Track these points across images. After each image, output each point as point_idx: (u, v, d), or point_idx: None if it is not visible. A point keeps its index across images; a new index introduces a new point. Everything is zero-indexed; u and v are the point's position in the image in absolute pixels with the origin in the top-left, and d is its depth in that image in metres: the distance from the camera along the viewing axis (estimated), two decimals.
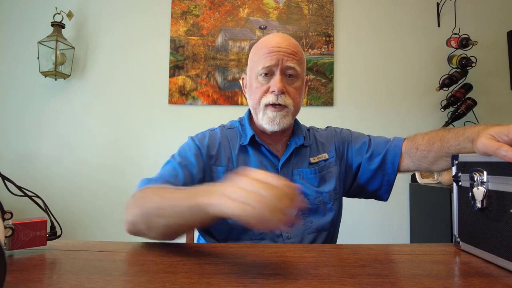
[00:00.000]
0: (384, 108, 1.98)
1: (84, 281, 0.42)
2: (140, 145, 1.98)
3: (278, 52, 0.78)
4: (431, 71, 1.98)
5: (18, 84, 2.03)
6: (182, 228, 0.59)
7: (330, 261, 0.52)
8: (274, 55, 0.78)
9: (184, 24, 2.02)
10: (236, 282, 0.42)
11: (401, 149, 0.86)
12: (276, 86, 0.77)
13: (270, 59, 0.78)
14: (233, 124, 0.91)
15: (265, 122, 0.80)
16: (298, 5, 2.03)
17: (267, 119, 0.80)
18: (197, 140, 0.85)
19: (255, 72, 0.81)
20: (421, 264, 0.51)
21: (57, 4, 1.96)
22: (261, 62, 0.78)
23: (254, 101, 0.82)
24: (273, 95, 0.78)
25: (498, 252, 0.49)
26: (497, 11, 2.00)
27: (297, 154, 0.87)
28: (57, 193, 1.94)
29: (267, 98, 0.79)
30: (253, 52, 0.84)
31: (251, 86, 0.84)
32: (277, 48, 0.78)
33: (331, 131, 0.97)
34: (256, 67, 0.80)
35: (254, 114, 0.84)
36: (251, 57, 0.85)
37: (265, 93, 0.80)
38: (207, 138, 0.85)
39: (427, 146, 0.79)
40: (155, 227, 0.59)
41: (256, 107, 0.82)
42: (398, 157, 0.86)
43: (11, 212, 0.52)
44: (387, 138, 0.92)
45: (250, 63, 0.85)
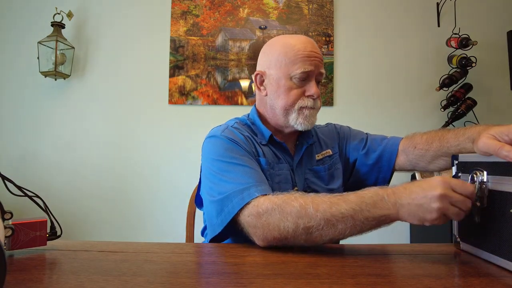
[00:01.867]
0: (384, 108, 1.98)
1: (84, 281, 0.42)
2: (140, 145, 1.98)
3: (316, 58, 0.80)
4: (431, 71, 1.98)
5: (18, 84, 2.03)
6: (352, 236, 0.59)
7: (330, 261, 0.52)
8: (313, 60, 0.80)
9: (184, 24, 2.02)
10: (236, 282, 0.42)
11: (398, 147, 0.87)
12: (315, 92, 0.80)
13: (310, 64, 0.79)
14: (242, 121, 0.88)
15: (300, 122, 0.81)
16: (298, 5, 2.03)
17: (303, 119, 0.81)
18: (230, 136, 0.79)
19: (289, 74, 0.80)
20: (421, 264, 0.51)
21: (57, 4, 1.96)
22: (299, 66, 0.79)
23: (287, 102, 0.81)
24: (311, 99, 0.81)
25: (498, 252, 0.49)
26: (497, 11, 2.00)
27: (306, 153, 0.88)
28: (57, 193, 1.94)
29: (304, 102, 0.81)
30: (283, 51, 0.81)
31: (278, 86, 0.82)
32: (314, 53, 0.80)
33: (332, 128, 0.98)
34: (291, 68, 0.80)
35: (283, 114, 0.82)
36: (279, 55, 0.81)
37: (301, 96, 0.81)
38: (235, 133, 0.80)
39: (425, 145, 0.80)
40: (319, 239, 0.58)
41: (289, 108, 0.81)
42: (394, 155, 0.87)
43: (11, 212, 0.52)
44: (385, 136, 0.93)
45: (278, 62, 0.81)
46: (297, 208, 0.59)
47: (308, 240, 0.59)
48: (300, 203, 0.59)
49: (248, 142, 0.80)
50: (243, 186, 0.66)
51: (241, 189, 0.66)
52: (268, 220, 0.60)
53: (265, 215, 0.60)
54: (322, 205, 0.58)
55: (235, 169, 0.71)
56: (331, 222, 0.56)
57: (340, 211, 0.56)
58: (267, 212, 0.60)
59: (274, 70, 0.82)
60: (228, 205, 0.66)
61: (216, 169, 0.73)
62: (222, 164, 0.73)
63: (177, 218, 1.85)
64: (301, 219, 0.58)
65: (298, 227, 0.58)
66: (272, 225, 0.59)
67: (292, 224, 0.58)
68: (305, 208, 0.58)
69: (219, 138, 0.78)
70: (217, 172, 0.72)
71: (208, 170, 0.75)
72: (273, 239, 0.60)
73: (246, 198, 0.64)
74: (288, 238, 0.59)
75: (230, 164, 0.72)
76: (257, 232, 0.61)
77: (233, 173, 0.70)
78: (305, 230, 0.58)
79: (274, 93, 0.83)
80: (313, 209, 0.58)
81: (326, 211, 0.57)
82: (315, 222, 0.57)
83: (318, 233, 0.57)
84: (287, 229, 0.58)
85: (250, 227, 0.62)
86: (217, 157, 0.74)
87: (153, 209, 1.94)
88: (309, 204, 0.58)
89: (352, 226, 0.56)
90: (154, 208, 1.94)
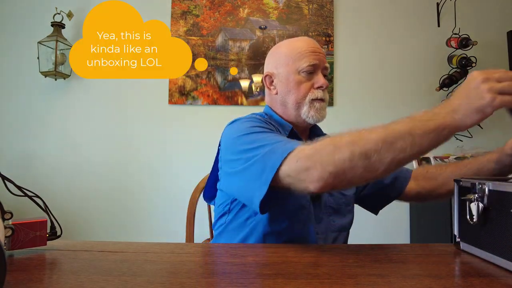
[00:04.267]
0: (383, 108, 1.98)
1: (84, 281, 0.42)
2: (140, 145, 1.98)
3: (320, 53, 0.85)
4: (431, 71, 1.98)
5: (18, 84, 2.03)
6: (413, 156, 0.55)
7: (330, 261, 0.52)
8: (317, 55, 0.84)
9: (184, 24, 2.02)
10: (236, 282, 0.42)
11: (411, 173, 0.90)
12: (323, 82, 0.83)
13: (315, 59, 0.83)
14: (262, 117, 0.87)
15: (312, 114, 0.83)
16: (298, 5, 2.03)
17: (315, 111, 0.83)
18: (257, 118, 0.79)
19: (296, 69, 0.84)
20: (421, 264, 0.51)
21: (57, 4, 1.96)
22: (306, 60, 0.83)
23: (298, 95, 0.84)
24: (321, 90, 0.84)
25: (498, 252, 0.49)
26: (497, 11, 2.00)
27: None
28: (57, 193, 1.94)
29: (315, 94, 0.83)
30: (290, 51, 0.85)
31: (289, 82, 0.85)
32: (317, 50, 0.85)
33: None
34: (298, 64, 0.84)
35: (295, 107, 0.84)
36: (286, 55, 0.86)
37: (310, 88, 0.84)
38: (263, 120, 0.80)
39: (438, 169, 0.84)
40: (379, 164, 0.53)
41: (301, 101, 0.84)
42: (407, 181, 0.88)
43: (11, 212, 0.52)
44: None
45: (287, 60, 0.85)
46: (348, 137, 0.56)
47: (368, 167, 0.54)
48: (351, 133, 0.56)
49: (277, 131, 0.80)
50: (282, 142, 0.63)
51: (283, 141, 0.63)
52: (321, 157, 0.56)
53: (315, 154, 0.57)
54: (376, 129, 0.55)
55: (268, 134, 0.69)
56: (389, 141, 0.53)
57: (396, 128, 0.54)
58: (316, 150, 0.57)
59: (282, 68, 0.86)
60: (271, 158, 0.61)
61: (245, 142, 0.69)
62: (251, 136, 0.69)
63: (177, 218, 1.85)
64: (356, 145, 0.54)
65: (354, 154, 0.53)
66: (326, 160, 0.55)
67: (348, 152, 0.54)
68: (358, 135, 0.55)
69: (246, 119, 0.78)
70: (247, 143, 0.68)
71: (234, 147, 0.71)
72: (330, 175, 0.55)
73: (289, 148, 0.60)
74: (345, 170, 0.55)
75: (260, 133, 0.70)
76: (311, 174, 0.56)
77: (267, 138, 0.67)
78: (363, 155, 0.53)
79: (284, 89, 0.86)
80: (367, 132, 0.55)
81: (381, 132, 0.54)
82: (371, 144, 0.53)
83: (377, 156, 0.53)
84: (343, 160, 0.54)
85: (301, 172, 0.57)
86: (244, 132, 0.71)
87: (153, 209, 1.94)
88: (362, 131, 0.56)
89: (411, 143, 0.52)
90: (154, 208, 1.94)
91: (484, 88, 0.50)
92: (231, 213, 0.80)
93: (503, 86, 0.50)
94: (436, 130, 0.52)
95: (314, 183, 0.56)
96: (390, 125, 0.55)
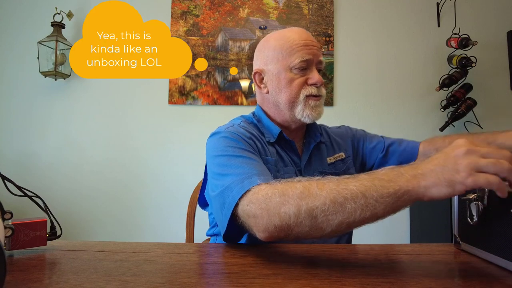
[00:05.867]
0: (384, 108, 1.98)
1: (84, 281, 0.42)
2: (139, 145, 1.98)
3: (313, 46, 0.78)
4: (431, 71, 1.98)
5: (18, 84, 2.02)
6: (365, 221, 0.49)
7: (330, 261, 0.52)
8: (310, 49, 0.77)
9: (184, 24, 2.02)
10: (236, 282, 0.42)
11: (417, 150, 0.85)
12: (317, 79, 0.78)
13: (307, 53, 0.77)
14: (248, 120, 0.85)
15: (307, 113, 0.78)
16: (298, 5, 2.03)
17: (310, 110, 0.78)
18: (234, 131, 0.76)
19: (288, 66, 0.78)
20: (421, 264, 0.51)
21: (57, 4, 1.96)
22: (297, 55, 0.77)
23: (290, 93, 0.78)
24: (315, 87, 0.78)
25: (498, 252, 0.49)
26: (497, 11, 1.99)
27: (315, 153, 0.85)
28: (57, 193, 1.94)
29: (308, 90, 0.78)
30: (280, 45, 0.79)
31: (279, 80, 0.79)
32: (310, 42, 0.78)
33: (346, 129, 0.95)
34: (289, 60, 0.78)
35: (289, 107, 0.79)
36: (275, 50, 0.80)
37: (303, 85, 0.79)
38: (241, 131, 0.77)
39: None
40: (326, 224, 0.49)
41: (294, 100, 0.79)
42: (414, 158, 0.84)
43: (11, 212, 0.52)
44: (402, 139, 0.91)
45: (277, 56, 0.79)
46: (299, 189, 0.51)
47: (314, 227, 0.50)
48: (303, 185, 0.52)
49: (255, 141, 0.76)
50: (244, 176, 0.61)
51: (241, 178, 0.61)
52: (267, 206, 0.53)
53: (264, 201, 0.54)
54: (328, 184, 0.50)
55: (237, 161, 0.67)
56: (338, 201, 0.48)
57: (349, 187, 0.48)
58: (267, 198, 0.54)
59: (272, 65, 0.80)
60: (229, 196, 0.60)
61: (217, 164, 0.69)
62: (223, 159, 0.68)
63: (177, 218, 1.85)
64: (304, 200, 0.50)
65: (300, 210, 0.50)
66: (272, 211, 0.52)
67: (294, 207, 0.50)
68: (308, 189, 0.51)
69: (222, 134, 0.75)
70: (218, 166, 0.68)
71: (210, 167, 0.71)
72: (274, 228, 0.52)
73: (246, 186, 0.59)
74: (290, 226, 0.51)
75: (232, 157, 0.68)
76: (257, 222, 0.54)
77: (234, 166, 0.65)
78: (309, 213, 0.50)
79: (275, 88, 0.80)
80: (317, 188, 0.50)
81: (332, 189, 0.49)
82: (319, 202, 0.49)
83: (323, 216, 0.49)
84: (288, 214, 0.51)
85: (250, 218, 0.56)
86: (219, 153, 0.70)
87: (153, 209, 1.94)
88: (313, 185, 0.51)
89: (363, 206, 0.47)
90: (154, 208, 1.94)
91: (463, 162, 0.43)
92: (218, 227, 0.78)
93: (486, 164, 0.43)
94: (395, 194, 0.46)
95: (260, 232, 0.55)
96: (344, 181, 0.50)
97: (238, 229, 0.61)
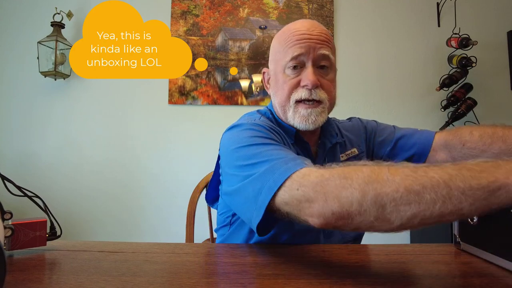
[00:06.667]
0: (384, 108, 1.98)
1: (84, 281, 0.42)
2: (139, 145, 1.98)
3: (309, 39, 0.67)
4: (431, 71, 1.98)
5: (17, 84, 2.02)
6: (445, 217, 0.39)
7: (330, 261, 0.52)
8: (304, 42, 0.67)
9: (184, 24, 2.02)
10: (236, 282, 0.42)
11: (432, 141, 0.76)
12: (309, 79, 0.67)
13: (300, 48, 0.67)
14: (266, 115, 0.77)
15: (297, 121, 0.69)
16: (298, 5, 2.03)
17: (300, 118, 0.68)
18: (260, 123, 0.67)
19: (282, 65, 0.70)
20: (421, 264, 0.51)
21: (57, 4, 1.96)
22: (289, 52, 0.67)
23: (281, 97, 0.70)
24: (306, 89, 0.68)
25: (498, 252, 0.49)
26: (497, 11, 1.99)
27: (329, 154, 0.78)
28: (57, 193, 1.94)
29: (298, 94, 0.68)
30: (278, 41, 0.72)
31: (276, 81, 0.72)
32: (307, 35, 0.67)
33: (357, 123, 0.87)
34: (283, 58, 0.69)
35: (282, 112, 0.72)
36: (275, 47, 0.73)
37: (295, 87, 0.69)
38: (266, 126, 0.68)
39: (480, 144, 0.67)
40: (395, 216, 0.40)
41: (284, 104, 0.70)
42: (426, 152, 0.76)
43: (11, 212, 0.52)
44: (415, 129, 0.82)
45: (275, 55, 0.73)
46: (366, 172, 0.43)
47: (380, 217, 0.41)
48: (371, 168, 0.43)
49: (282, 137, 0.68)
50: (286, 158, 0.53)
51: (284, 160, 0.52)
52: (324, 188, 0.44)
53: (320, 183, 0.45)
54: (403, 169, 0.41)
55: (269, 148, 0.58)
56: (414, 189, 0.39)
57: (429, 174, 0.39)
58: (323, 180, 0.45)
59: (272, 64, 0.74)
60: (269, 179, 0.51)
61: (243, 156, 0.59)
62: (251, 149, 0.59)
63: (177, 218, 1.85)
64: (371, 185, 0.41)
65: (365, 196, 0.41)
66: (331, 195, 0.44)
67: (358, 192, 0.41)
68: (377, 173, 0.42)
69: (245, 126, 0.66)
70: (244, 158, 0.58)
71: (231, 160, 0.62)
72: (332, 215, 0.44)
73: (291, 168, 0.50)
74: (351, 214, 0.42)
75: (262, 145, 0.59)
76: (312, 207, 0.45)
77: (267, 154, 0.56)
78: (376, 200, 0.40)
79: (273, 89, 0.74)
80: (389, 173, 0.41)
81: (408, 175, 0.40)
82: (390, 188, 0.40)
83: (394, 205, 0.40)
84: (351, 199, 0.42)
85: (301, 203, 0.47)
86: (244, 143, 0.61)
87: (153, 209, 1.94)
88: (383, 169, 0.42)
89: (445, 198, 0.37)
90: (154, 208, 1.94)
91: None
92: (232, 227, 0.74)
93: None
94: (488, 187, 0.37)
95: (314, 218, 0.46)
96: (423, 168, 0.41)
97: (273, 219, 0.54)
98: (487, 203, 0.37)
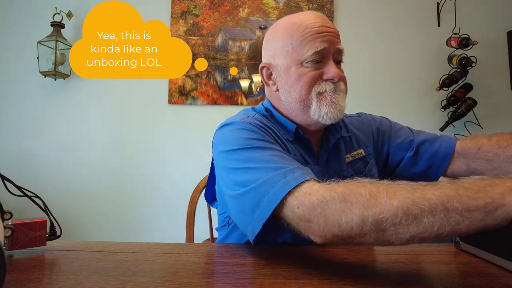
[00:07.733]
0: (384, 108, 1.97)
1: (83, 281, 0.42)
2: (139, 145, 1.98)
3: (329, 33, 0.65)
4: (431, 71, 1.98)
5: (17, 84, 2.02)
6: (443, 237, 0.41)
7: (330, 261, 0.52)
8: (325, 36, 0.64)
9: (184, 24, 2.02)
10: (236, 282, 0.42)
11: (453, 150, 0.73)
12: (335, 73, 0.65)
13: (322, 41, 0.64)
14: (261, 113, 0.74)
15: (324, 112, 0.66)
16: (298, 5, 2.03)
17: (328, 106, 0.65)
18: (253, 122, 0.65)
19: (297, 58, 0.66)
20: (421, 264, 0.51)
21: (57, 4, 1.96)
22: (310, 45, 0.64)
23: (300, 91, 0.66)
24: (331, 83, 0.66)
25: (498, 252, 0.49)
26: (497, 11, 1.99)
27: (333, 151, 0.74)
28: (57, 193, 1.94)
29: (322, 87, 0.65)
30: (289, 34, 0.67)
31: (288, 76, 0.67)
32: (326, 28, 0.65)
33: (367, 120, 0.83)
34: (300, 52, 0.65)
35: (300, 107, 0.68)
36: (286, 41, 0.67)
37: (316, 80, 0.66)
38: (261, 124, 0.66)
39: (495, 147, 0.66)
40: (394, 238, 0.42)
41: (305, 98, 0.66)
42: (445, 165, 0.74)
43: (10, 212, 0.52)
44: (435, 135, 0.79)
45: (286, 48, 0.67)
46: (365, 196, 0.43)
47: (380, 239, 0.43)
48: (370, 190, 0.44)
49: (276, 137, 0.66)
50: (285, 169, 0.52)
51: (283, 172, 0.51)
52: (324, 212, 0.45)
53: (320, 206, 0.46)
54: (401, 192, 0.42)
55: (265, 154, 0.56)
56: (413, 213, 0.40)
57: (426, 196, 0.40)
58: (323, 202, 0.46)
59: (281, 58, 0.68)
60: (268, 193, 0.51)
61: (237, 159, 0.58)
62: (246, 152, 0.58)
63: (177, 218, 1.85)
64: (370, 210, 0.42)
65: (365, 222, 0.42)
66: (331, 219, 0.45)
67: (358, 217, 0.43)
68: (376, 196, 0.43)
69: (238, 125, 0.64)
70: (239, 161, 0.57)
71: (224, 162, 0.61)
72: (333, 236, 0.46)
73: (292, 182, 0.49)
74: (352, 236, 0.44)
75: (257, 149, 0.57)
76: (312, 228, 0.47)
77: (264, 159, 0.55)
78: (376, 225, 0.42)
79: (285, 85, 0.69)
80: (387, 196, 0.42)
81: (405, 197, 0.41)
82: (389, 213, 0.41)
83: (393, 229, 0.41)
84: (351, 225, 0.43)
85: (302, 222, 0.48)
86: (238, 146, 0.59)
87: (153, 209, 1.94)
88: (382, 191, 0.43)
89: (443, 220, 0.39)
90: (154, 208, 1.94)
91: None
92: (230, 227, 0.74)
93: None
94: (484, 208, 0.37)
95: (316, 237, 0.48)
96: (420, 188, 0.42)
97: (273, 229, 0.53)
98: (484, 224, 0.38)
